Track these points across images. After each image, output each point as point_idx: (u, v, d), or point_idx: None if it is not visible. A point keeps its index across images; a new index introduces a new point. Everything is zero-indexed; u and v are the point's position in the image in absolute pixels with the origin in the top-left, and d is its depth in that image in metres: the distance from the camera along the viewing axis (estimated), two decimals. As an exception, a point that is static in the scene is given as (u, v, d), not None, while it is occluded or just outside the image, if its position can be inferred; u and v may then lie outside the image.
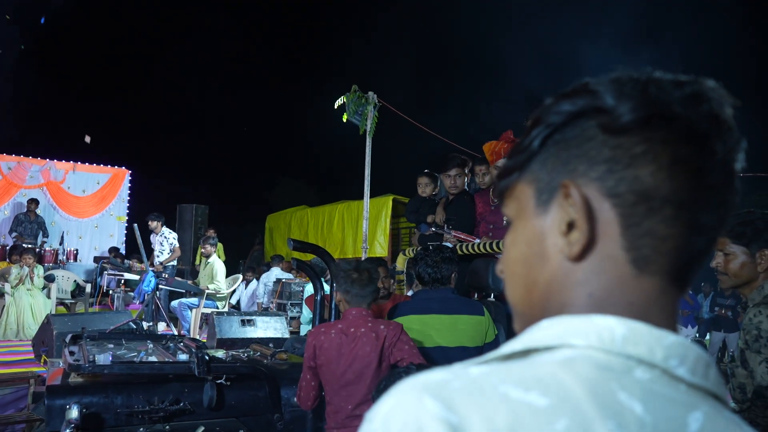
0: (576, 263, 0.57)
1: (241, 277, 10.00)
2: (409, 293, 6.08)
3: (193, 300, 8.30)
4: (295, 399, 2.89)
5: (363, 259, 7.31)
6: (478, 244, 4.21)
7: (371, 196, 7.83)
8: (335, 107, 7.29)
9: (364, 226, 7.64)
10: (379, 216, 10.71)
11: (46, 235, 11.40)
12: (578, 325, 0.54)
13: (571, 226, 0.57)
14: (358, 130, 7.31)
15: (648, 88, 0.56)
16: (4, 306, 7.84)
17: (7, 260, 9.04)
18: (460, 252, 4.19)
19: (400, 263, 6.68)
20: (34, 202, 11.28)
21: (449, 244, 4.30)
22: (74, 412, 2.55)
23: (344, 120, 7.31)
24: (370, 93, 7.27)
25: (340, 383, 2.72)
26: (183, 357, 3.45)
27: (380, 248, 10.67)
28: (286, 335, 5.70)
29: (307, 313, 6.38)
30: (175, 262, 9.27)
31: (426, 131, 7.99)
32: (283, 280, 9.42)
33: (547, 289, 0.60)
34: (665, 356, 0.52)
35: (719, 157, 0.56)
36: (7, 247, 10.31)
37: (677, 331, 0.57)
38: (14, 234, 11.01)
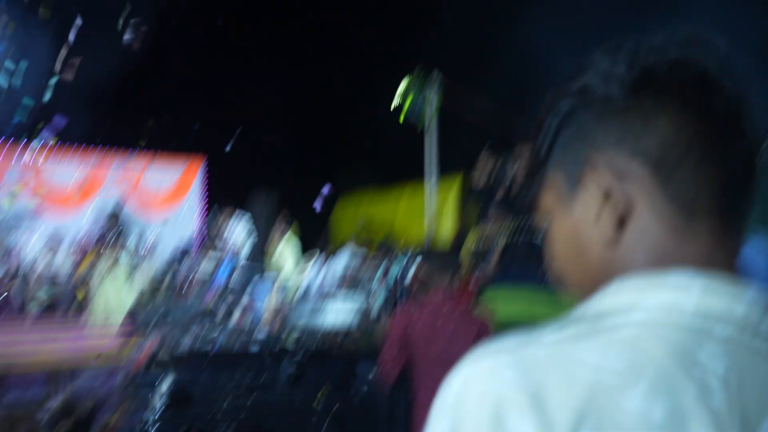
0: (624, 227, 0.57)
1: (313, 260, 10.19)
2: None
3: (268, 284, 8.53)
4: (378, 373, 2.91)
5: (432, 239, 7.31)
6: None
7: (439, 176, 7.79)
8: (396, 97, 7.24)
9: (432, 207, 7.62)
10: (447, 197, 10.64)
11: (126, 228, 11.97)
12: (652, 284, 0.53)
13: (607, 195, 0.57)
14: (416, 127, 7.22)
15: (640, 50, 0.58)
16: (93, 295, 8.30)
17: (94, 253, 9.55)
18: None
19: (471, 242, 6.63)
20: (115, 197, 11.86)
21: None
22: (164, 388, 2.69)
23: (401, 119, 7.22)
24: (434, 72, 7.18)
25: (435, 361, 2.71)
26: (261, 336, 3.56)
27: (449, 229, 10.62)
28: (358, 317, 5.79)
29: (377, 293, 6.44)
30: (249, 249, 9.54)
31: (493, 107, 7.85)
32: (354, 265, 9.53)
33: (602, 260, 0.58)
34: (746, 311, 0.50)
35: (728, 91, 0.56)
36: (93, 241, 10.90)
37: (743, 278, 0.55)
38: (98, 229, 11.62)
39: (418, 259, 2.96)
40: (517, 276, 3.09)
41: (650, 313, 0.51)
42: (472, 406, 0.47)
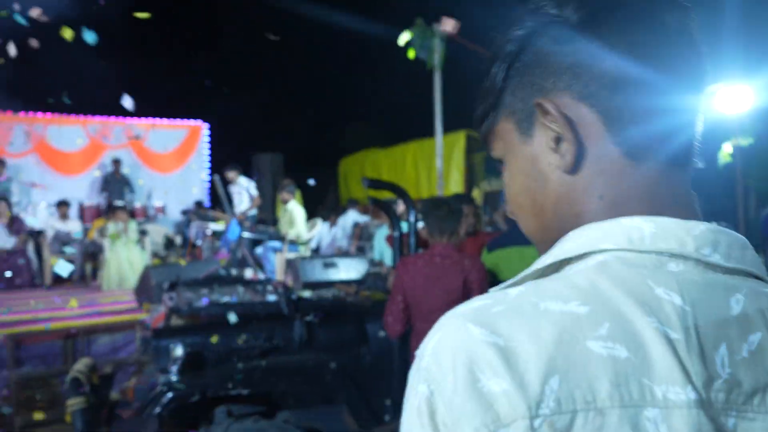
0: (575, 174, 0.58)
1: (320, 221, 10.22)
2: (488, 229, 6.04)
3: (277, 245, 8.59)
4: (383, 326, 2.96)
5: (433, 196, 7.29)
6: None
7: (444, 133, 7.72)
8: (401, 44, 7.12)
9: (438, 164, 7.58)
10: (452, 153, 10.58)
11: (132, 191, 12.01)
12: (606, 229, 0.54)
13: (558, 140, 0.57)
14: (425, 65, 7.14)
15: None
16: (105, 260, 8.39)
17: (104, 218, 9.62)
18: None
19: (476, 198, 6.62)
20: (117, 161, 11.86)
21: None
22: (179, 351, 2.74)
23: (411, 57, 7.14)
24: (436, 25, 7.05)
25: (428, 309, 2.79)
26: (272, 298, 3.60)
27: (456, 185, 10.59)
28: (368, 276, 5.83)
29: (380, 250, 6.46)
30: (255, 211, 9.57)
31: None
32: (361, 223, 9.56)
33: (555, 209, 0.60)
34: (697, 246, 0.52)
35: (674, 28, 0.56)
36: (102, 206, 10.97)
37: (698, 213, 0.57)
38: (104, 193, 11.66)
39: (422, 213, 2.96)
40: (521, 235, 3.08)
41: (606, 257, 0.53)
42: (447, 367, 0.48)
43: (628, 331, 0.47)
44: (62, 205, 9.70)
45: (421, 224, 3.04)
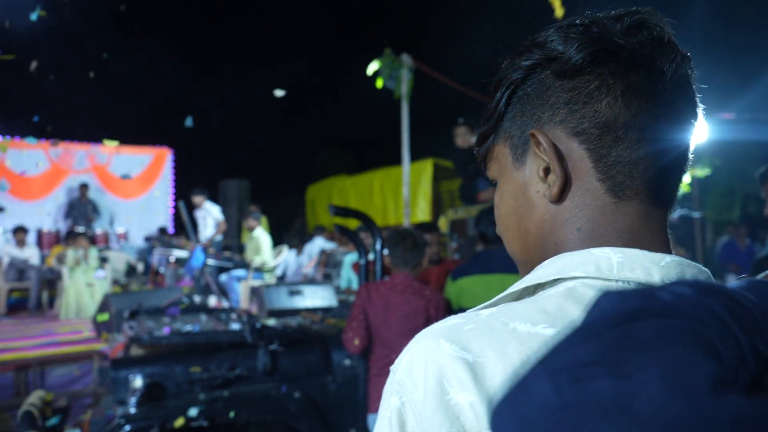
0: (559, 204, 0.61)
1: (286, 248, 10.14)
2: (456, 256, 6.08)
3: (241, 273, 8.47)
4: (343, 342, 2.95)
5: (405, 225, 7.33)
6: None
7: (411, 161, 7.78)
8: (369, 74, 7.20)
9: (405, 192, 7.62)
10: (419, 181, 10.65)
11: (99, 216, 11.77)
12: (577, 258, 0.57)
13: (547, 171, 0.61)
14: (393, 94, 7.23)
15: (591, 27, 0.60)
16: (63, 288, 8.15)
17: (63, 244, 9.37)
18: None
19: (442, 226, 6.66)
20: (85, 186, 11.63)
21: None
22: (138, 382, 2.66)
23: (379, 86, 7.22)
24: (404, 55, 7.15)
25: (388, 334, 2.82)
26: (236, 326, 3.54)
27: (422, 213, 10.65)
28: (334, 303, 5.78)
29: (347, 277, 6.44)
30: (221, 237, 9.45)
31: (465, 92, 7.84)
32: (327, 250, 9.52)
33: (539, 235, 0.63)
34: (662, 276, 0.54)
35: (669, 76, 0.59)
36: (62, 233, 10.69)
37: (671, 251, 0.60)
38: (69, 219, 11.39)
39: (388, 242, 2.99)
40: (487, 261, 3.11)
41: (575, 283, 0.55)
42: (419, 380, 0.50)
43: None
44: (19, 231, 9.41)
45: (386, 251, 3.06)
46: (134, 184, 13.31)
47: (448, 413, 0.48)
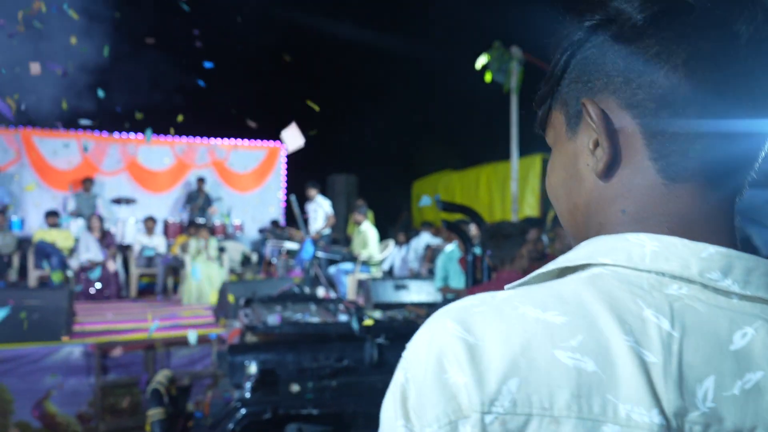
0: (607, 181, 0.56)
1: (392, 243, 10.26)
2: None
3: (349, 266, 8.68)
4: None
5: (501, 221, 7.16)
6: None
7: (519, 156, 7.62)
8: (477, 68, 7.11)
9: (513, 188, 7.48)
10: (527, 176, 10.41)
11: (214, 209, 12.49)
12: (610, 243, 0.53)
13: (597, 144, 0.56)
14: (502, 88, 7.09)
15: None
16: (185, 274, 8.74)
17: (186, 234, 10.03)
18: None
19: (550, 222, 6.47)
20: (201, 180, 12.38)
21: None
22: (253, 368, 2.80)
23: (488, 81, 7.11)
24: (514, 48, 6.99)
25: None
26: (343, 318, 3.63)
27: (530, 209, 10.40)
28: (439, 298, 5.78)
29: (442, 275, 6.12)
30: (330, 231, 9.72)
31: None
32: (433, 245, 9.53)
33: (586, 211, 0.59)
34: (702, 269, 0.49)
35: (744, 40, 0.50)
36: (183, 223, 11.45)
37: (735, 241, 0.52)
38: (187, 208, 12.16)
39: (487, 238, 2.91)
40: None
41: (602, 270, 0.52)
42: (422, 357, 0.50)
43: (601, 347, 0.47)
44: (149, 220, 10.19)
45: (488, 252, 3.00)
46: (250, 178, 13.97)
47: (444, 392, 0.48)
